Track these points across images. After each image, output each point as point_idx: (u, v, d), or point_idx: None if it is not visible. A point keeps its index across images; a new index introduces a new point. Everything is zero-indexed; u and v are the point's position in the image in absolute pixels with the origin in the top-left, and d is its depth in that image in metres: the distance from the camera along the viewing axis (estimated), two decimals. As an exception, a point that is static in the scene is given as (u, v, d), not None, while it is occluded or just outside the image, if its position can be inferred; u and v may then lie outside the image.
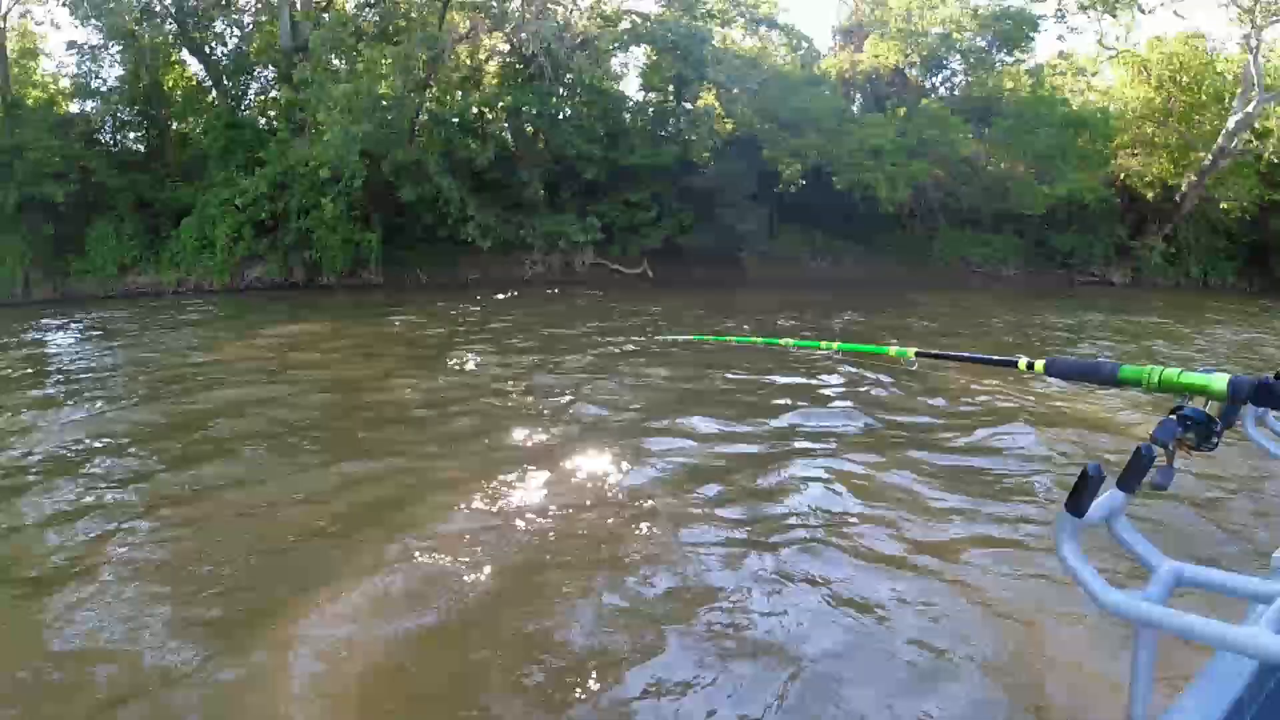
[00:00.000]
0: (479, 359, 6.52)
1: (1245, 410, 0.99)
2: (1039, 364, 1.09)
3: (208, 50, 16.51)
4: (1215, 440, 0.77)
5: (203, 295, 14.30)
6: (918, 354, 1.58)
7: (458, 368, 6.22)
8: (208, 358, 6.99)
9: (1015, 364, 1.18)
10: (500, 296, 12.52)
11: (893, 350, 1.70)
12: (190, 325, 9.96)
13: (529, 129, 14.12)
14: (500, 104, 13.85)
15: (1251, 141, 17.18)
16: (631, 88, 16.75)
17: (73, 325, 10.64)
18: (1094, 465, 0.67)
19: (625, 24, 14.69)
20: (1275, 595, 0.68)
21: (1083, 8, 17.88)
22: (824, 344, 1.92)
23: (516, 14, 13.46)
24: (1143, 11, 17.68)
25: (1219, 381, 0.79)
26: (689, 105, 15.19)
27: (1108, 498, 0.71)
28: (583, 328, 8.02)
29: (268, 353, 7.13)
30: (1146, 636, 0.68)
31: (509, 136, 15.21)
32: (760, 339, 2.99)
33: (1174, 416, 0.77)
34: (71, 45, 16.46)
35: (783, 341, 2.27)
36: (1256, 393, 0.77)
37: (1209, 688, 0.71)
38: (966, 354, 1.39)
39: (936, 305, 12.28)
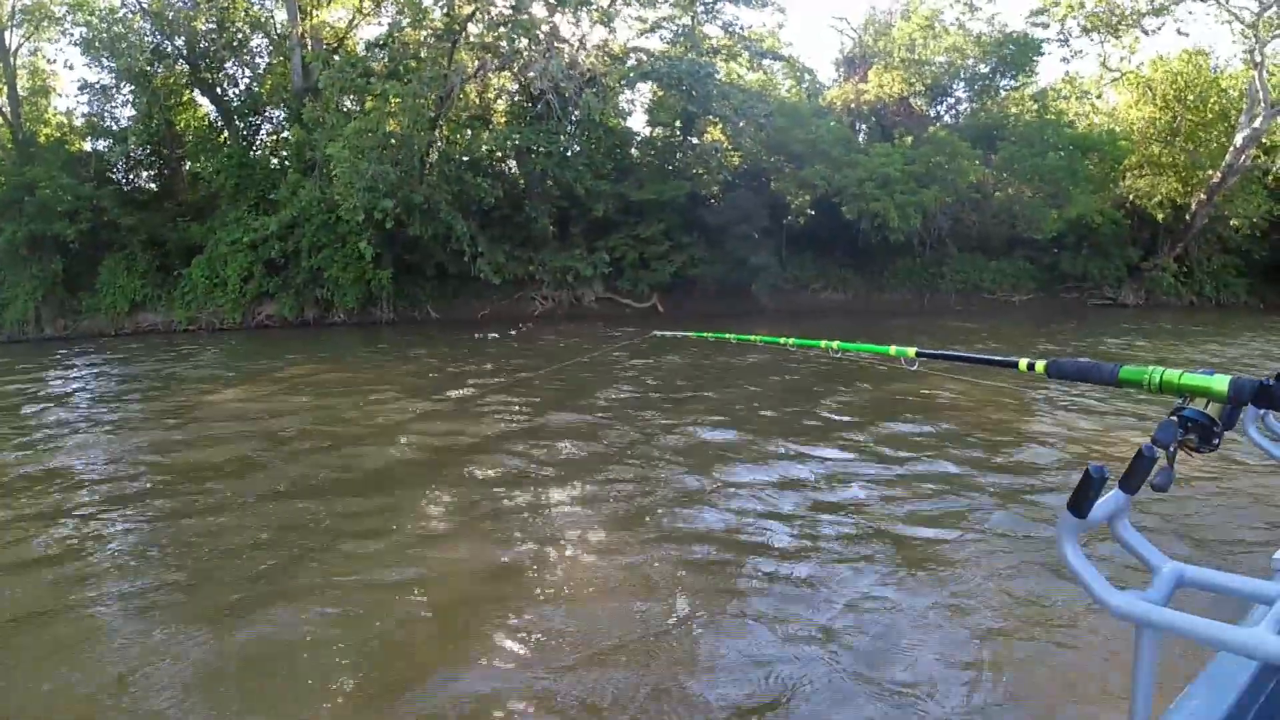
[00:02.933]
0: (488, 399, 6.43)
1: (1246, 412, 0.98)
2: (1040, 364, 1.09)
3: (219, 91, 16.72)
4: (1216, 442, 0.76)
5: (214, 334, 14.35)
6: (918, 354, 1.59)
7: (465, 410, 6.12)
8: (209, 400, 6.96)
9: (1016, 365, 1.17)
10: (510, 333, 12.52)
11: (893, 350, 1.71)
12: (197, 364, 9.95)
13: (538, 166, 14.20)
14: (509, 142, 13.93)
15: (1260, 157, 17.12)
16: (638, 123, 16.91)
17: (79, 363, 10.67)
18: (1096, 466, 0.67)
19: (631, 61, 14.80)
20: (1276, 596, 0.68)
21: (1085, 30, 17.99)
22: (824, 343, 1.94)
23: (524, 53, 13.58)
24: (1145, 32, 17.75)
25: (1219, 383, 0.79)
26: (696, 140, 15.27)
27: (1110, 498, 0.71)
28: (589, 367, 7.97)
29: (273, 397, 7.06)
30: (1148, 637, 0.68)
31: (518, 174, 15.30)
32: (759, 337, 2.91)
33: (1174, 418, 0.77)
34: (85, 86, 16.72)
35: (783, 340, 2.29)
36: (1257, 394, 0.77)
37: (1210, 688, 0.72)
38: (967, 354, 1.38)
39: (955, 332, 12.23)
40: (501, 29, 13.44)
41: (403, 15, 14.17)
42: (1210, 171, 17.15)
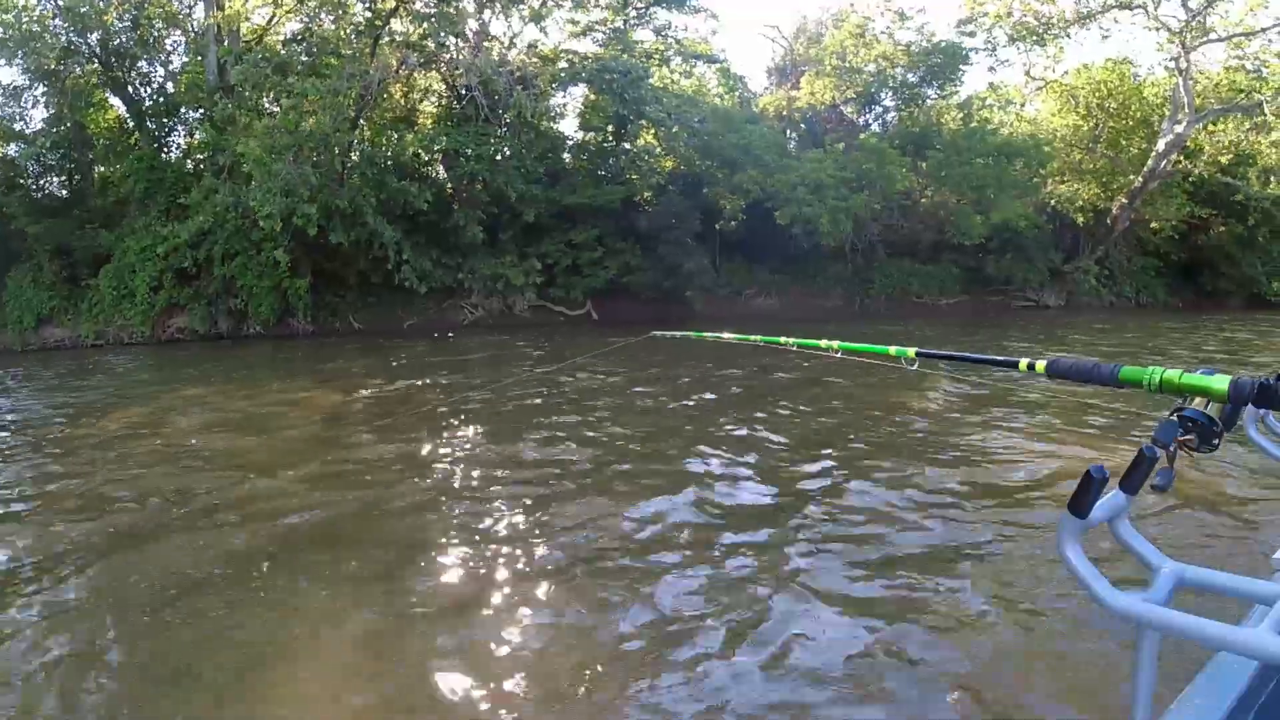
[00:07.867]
0: (404, 426, 6.09)
1: (1246, 412, 0.99)
2: (1040, 364, 1.11)
3: (131, 90, 15.96)
4: (1216, 442, 0.77)
5: (123, 348, 13.63)
6: (919, 354, 1.59)
7: (380, 439, 5.76)
8: (88, 430, 6.47)
9: (1016, 364, 1.20)
10: (436, 342, 12.20)
11: (893, 350, 1.70)
12: (87, 388, 9.32)
13: (467, 170, 13.89)
14: (436, 145, 13.60)
15: (1180, 161, 17.86)
16: (570, 127, 16.75)
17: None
18: (1096, 466, 0.67)
19: (563, 64, 14.64)
20: (1276, 597, 0.69)
21: (1012, 40, 18.52)
22: (824, 344, 1.91)
23: (451, 50, 13.29)
24: (1069, 37, 18.30)
25: (1220, 383, 0.79)
26: (629, 145, 15.20)
27: (1110, 499, 0.71)
28: (523, 384, 7.70)
29: (161, 429, 6.57)
30: (1149, 637, 0.68)
31: (445, 178, 14.97)
32: (760, 337, 2.75)
33: (1175, 418, 0.77)
34: (-6, 86, 15.76)
35: (782, 340, 2.26)
36: (1257, 394, 0.77)
37: (1210, 688, 0.73)
38: (968, 354, 1.40)
39: (885, 336, 12.36)
40: (426, 23, 13.10)
41: (322, 9, 13.74)
42: (1131, 176, 17.84)
